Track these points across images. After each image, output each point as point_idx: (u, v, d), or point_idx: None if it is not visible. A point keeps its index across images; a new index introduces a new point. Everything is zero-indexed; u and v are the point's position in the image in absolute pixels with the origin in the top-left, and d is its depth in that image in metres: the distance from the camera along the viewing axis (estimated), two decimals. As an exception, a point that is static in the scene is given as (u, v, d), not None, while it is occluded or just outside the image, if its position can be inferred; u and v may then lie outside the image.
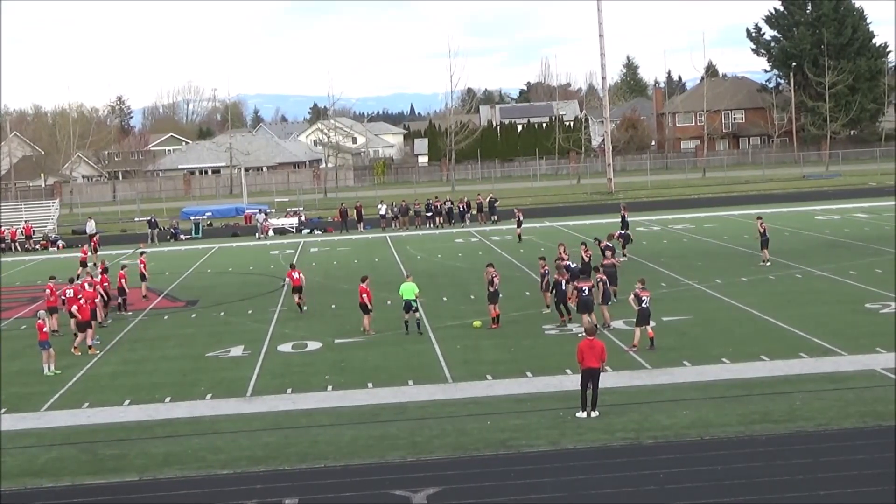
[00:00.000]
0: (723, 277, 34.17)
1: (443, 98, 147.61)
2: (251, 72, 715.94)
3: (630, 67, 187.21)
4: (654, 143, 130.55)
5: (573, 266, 30.46)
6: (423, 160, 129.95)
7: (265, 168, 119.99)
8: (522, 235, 50.49)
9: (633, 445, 16.99)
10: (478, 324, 27.71)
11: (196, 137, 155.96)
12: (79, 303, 27.48)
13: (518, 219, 51.95)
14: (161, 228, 63.19)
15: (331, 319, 30.41)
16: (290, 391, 21.89)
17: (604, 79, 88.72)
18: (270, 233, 62.10)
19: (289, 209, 70.06)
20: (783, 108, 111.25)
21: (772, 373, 21.22)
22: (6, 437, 19.37)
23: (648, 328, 24.06)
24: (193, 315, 33.01)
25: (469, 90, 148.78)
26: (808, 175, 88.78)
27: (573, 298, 27.07)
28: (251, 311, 32.79)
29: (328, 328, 28.84)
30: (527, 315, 29.15)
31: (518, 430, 18.05)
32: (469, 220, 61.73)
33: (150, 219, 62.68)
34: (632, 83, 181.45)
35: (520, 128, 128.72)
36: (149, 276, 37.07)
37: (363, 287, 27.57)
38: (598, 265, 29.79)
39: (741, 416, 18.17)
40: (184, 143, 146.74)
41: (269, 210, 69.51)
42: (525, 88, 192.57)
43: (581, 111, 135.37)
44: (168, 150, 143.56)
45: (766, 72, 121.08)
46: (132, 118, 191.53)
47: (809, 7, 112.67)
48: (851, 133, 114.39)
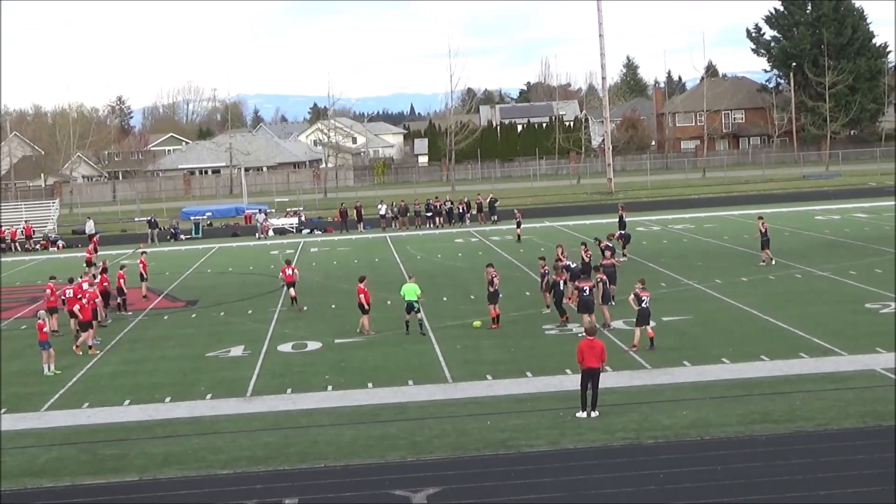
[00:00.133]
0: (723, 277, 34.17)
1: (443, 98, 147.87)
2: (251, 72, 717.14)
3: (630, 67, 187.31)
4: (654, 143, 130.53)
5: (573, 266, 30.50)
6: (423, 160, 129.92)
7: (265, 168, 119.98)
8: (522, 235, 50.51)
9: (633, 445, 16.98)
10: (478, 324, 27.71)
11: (196, 137, 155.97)
12: (81, 303, 27.53)
13: (517, 219, 51.98)
14: (161, 228, 63.20)
15: (331, 319, 30.42)
16: (290, 391, 21.89)
17: (604, 79, 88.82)
18: (270, 233, 62.10)
19: (289, 209, 70.02)
20: (783, 108, 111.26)
21: (772, 373, 21.23)
22: (6, 437, 19.37)
23: (648, 328, 24.07)
24: (193, 315, 33.02)
25: (469, 90, 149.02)
26: (808, 175, 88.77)
27: (574, 298, 27.09)
28: (251, 311, 32.80)
29: (328, 328, 28.85)
30: (527, 315, 29.16)
31: (518, 430, 18.05)
32: (469, 221, 61.74)
33: (150, 219, 62.68)
34: (632, 83, 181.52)
35: (520, 128, 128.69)
36: (147, 277, 37.00)
37: (361, 287, 27.62)
38: (598, 265, 29.84)
39: (741, 416, 18.17)
40: (184, 143, 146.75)
41: (269, 210, 69.47)
42: (525, 88, 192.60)
43: (581, 111, 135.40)
44: (168, 150, 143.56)
45: (766, 72, 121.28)
46: (132, 118, 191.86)
47: (809, 7, 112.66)
48: (851, 133, 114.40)
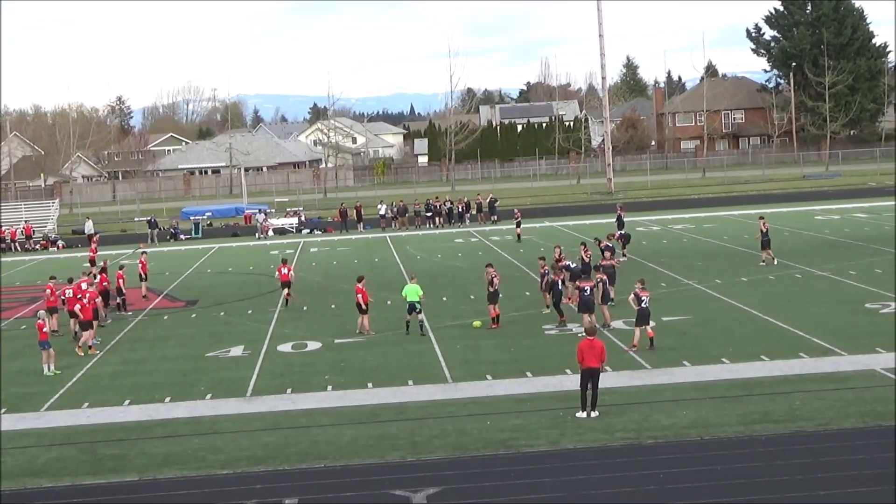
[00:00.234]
0: (723, 277, 34.17)
1: (443, 98, 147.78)
2: (251, 72, 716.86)
3: (630, 67, 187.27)
4: (654, 143, 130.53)
5: (573, 266, 30.51)
6: (423, 160, 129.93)
7: (265, 168, 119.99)
8: (522, 235, 50.51)
9: (633, 445, 16.99)
10: (478, 324, 27.71)
11: (196, 137, 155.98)
12: (81, 303, 27.52)
13: (517, 219, 51.98)
14: (161, 228, 63.19)
15: (331, 319, 30.43)
16: (290, 391, 21.89)
17: (604, 79, 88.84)
18: (270, 233, 62.10)
19: (289, 209, 70.03)
20: (783, 108, 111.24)
21: (772, 373, 21.23)
22: (6, 437, 19.37)
23: (648, 328, 24.07)
24: (193, 315, 33.02)
25: (469, 90, 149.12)
26: (808, 175, 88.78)
27: (574, 298, 27.08)
28: (251, 311, 32.80)
29: (328, 328, 28.85)
30: (527, 315, 29.16)
31: (518, 430, 18.05)
32: (469, 221, 61.74)
33: (150, 219, 62.67)
34: (632, 83, 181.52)
35: (520, 128, 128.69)
36: (147, 277, 36.99)
37: (359, 287, 27.62)
38: (598, 265, 29.85)
39: (741, 416, 18.17)
40: (184, 143, 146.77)
41: (269, 210, 69.47)
42: (525, 88, 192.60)
43: (581, 111, 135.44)
44: (168, 150, 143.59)
45: (766, 72, 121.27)
46: (132, 118, 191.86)
47: (809, 7, 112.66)
48: (851, 133, 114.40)
